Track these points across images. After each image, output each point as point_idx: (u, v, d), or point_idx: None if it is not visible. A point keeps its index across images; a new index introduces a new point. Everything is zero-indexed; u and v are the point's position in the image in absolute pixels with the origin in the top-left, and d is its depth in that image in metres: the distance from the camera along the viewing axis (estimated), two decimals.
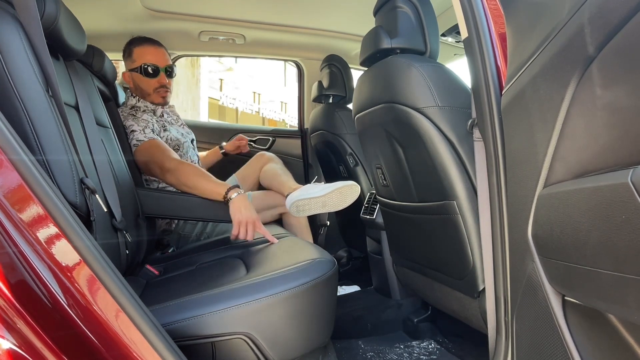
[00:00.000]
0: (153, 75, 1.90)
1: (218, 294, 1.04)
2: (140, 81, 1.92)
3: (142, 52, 1.92)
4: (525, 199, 0.86)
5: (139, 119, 1.83)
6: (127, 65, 1.96)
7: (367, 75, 1.53)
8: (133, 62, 1.92)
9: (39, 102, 0.95)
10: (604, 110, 0.63)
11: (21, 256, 0.70)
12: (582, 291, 0.73)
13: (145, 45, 1.93)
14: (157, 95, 1.94)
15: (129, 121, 1.81)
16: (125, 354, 0.75)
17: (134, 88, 1.96)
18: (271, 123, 16.28)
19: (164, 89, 1.94)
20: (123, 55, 1.98)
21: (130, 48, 1.94)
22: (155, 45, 1.96)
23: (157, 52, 1.94)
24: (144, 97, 1.95)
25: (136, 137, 1.76)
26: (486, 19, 1.01)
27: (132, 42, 1.96)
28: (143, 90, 1.93)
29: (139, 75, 1.90)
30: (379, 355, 1.63)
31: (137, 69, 1.90)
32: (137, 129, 1.78)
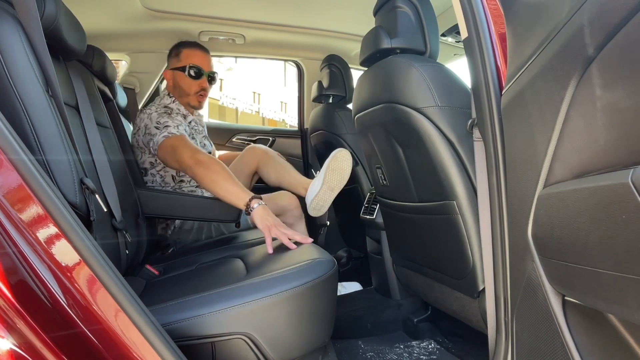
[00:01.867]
0: (196, 77, 1.94)
1: (218, 294, 1.04)
2: (182, 81, 1.94)
3: (191, 54, 1.96)
4: (525, 199, 0.86)
5: (173, 118, 1.85)
6: (172, 64, 1.99)
7: (367, 75, 1.53)
8: (179, 61, 1.95)
9: (39, 102, 0.95)
10: (603, 111, 0.63)
11: (21, 256, 0.70)
12: (582, 291, 0.73)
13: (194, 48, 1.99)
14: (195, 98, 1.98)
15: (163, 118, 1.80)
16: (125, 354, 0.75)
17: (172, 87, 1.98)
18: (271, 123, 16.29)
19: (203, 92, 1.98)
20: (169, 54, 2.03)
21: (179, 48, 1.99)
22: (203, 50, 2.01)
23: (204, 57, 1.99)
24: (181, 97, 1.97)
25: (169, 130, 1.74)
26: (486, 19, 1.01)
27: (182, 43, 2.02)
28: (182, 90, 1.95)
29: (182, 74, 1.94)
30: (379, 355, 1.63)
31: (181, 69, 1.93)
32: (172, 125, 1.78)
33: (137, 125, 1.86)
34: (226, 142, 2.94)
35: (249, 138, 2.99)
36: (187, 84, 1.94)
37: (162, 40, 2.57)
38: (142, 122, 1.83)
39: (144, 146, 1.84)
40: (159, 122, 1.79)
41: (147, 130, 1.79)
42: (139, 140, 1.85)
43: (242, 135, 3.00)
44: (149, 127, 1.79)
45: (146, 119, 1.83)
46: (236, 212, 1.78)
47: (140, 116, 1.86)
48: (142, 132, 1.82)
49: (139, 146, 1.87)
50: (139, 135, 1.84)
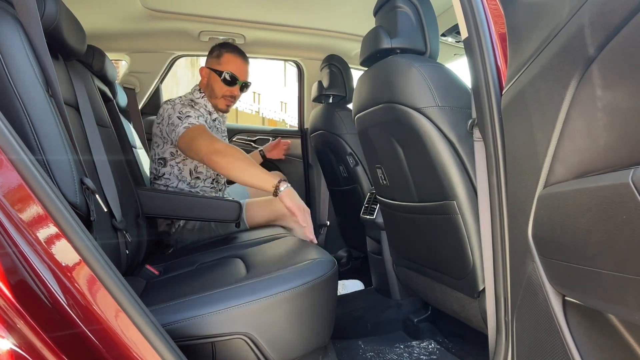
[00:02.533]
0: (230, 83, 1.98)
1: (218, 294, 1.04)
2: (215, 83, 1.99)
3: (231, 59, 2.00)
4: (526, 199, 0.86)
5: (197, 110, 1.88)
6: (211, 63, 2.02)
7: (367, 75, 1.53)
8: (219, 64, 2.00)
9: (39, 102, 0.95)
10: (604, 111, 0.63)
11: (21, 256, 0.70)
12: (583, 291, 0.73)
13: (235, 54, 2.01)
14: (223, 102, 2.02)
15: (186, 108, 1.83)
16: (125, 353, 0.75)
17: (205, 85, 2.02)
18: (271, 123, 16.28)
19: (232, 99, 2.03)
20: (211, 52, 2.05)
21: (221, 50, 2.02)
22: (244, 59, 2.04)
23: (243, 66, 2.02)
24: (210, 97, 2.02)
25: (189, 121, 1.77)
26: (486, 19, 1.01)
27: (226, 45, 2.05)
28: (213, 90, 2.00)
29: (217, 77, 1.98)
30: (379, 355, 1.63)
31: (218, 72, 1.98)
32: (193, 115, 1.81)
33: (160, 115, 1.90)
34: None
35: (249, 138, 2.99)
36: (219, 87, 1.99)
37: (162, 40, 2.58)
38: (166, 112, 1.86)
39: (166, 136, 1.87)
40: (181, 112, 1.82)
41: (170, 120, 1.82)
42: (162, 130, 1.88)
43: (242, 135, 3.00)
44: (171, 117, 1.82)
45: (170, 109, 1.86)
46: (236, 212, 1.78)
47: (164, 106, 1.90)
48: (165, 122, 1.85)
49: (162, 136, 1.90)
50: (162, 125, 1.87)
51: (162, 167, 1.93)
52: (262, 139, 2.99)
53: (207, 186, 2.01)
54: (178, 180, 1.94)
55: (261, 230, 1.88)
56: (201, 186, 1.98)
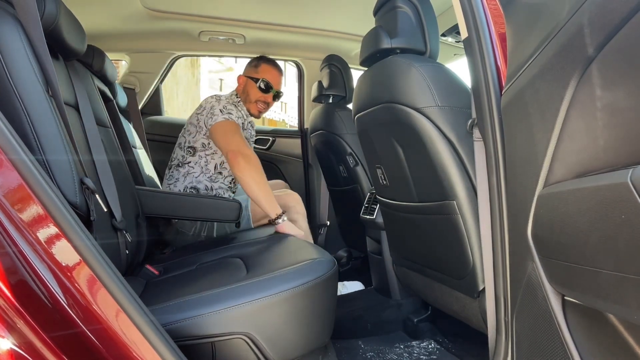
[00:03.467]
0: (264, 91, 2.13)
1: (218, 294, 1.04)
2: (251, 89, 2.13)
3: (267, 70, 2.16)
4: (525, 199, 0.86)
5: (239, 110, 2.01)
6: (248, 72, 2.18)
7: (367, 75, 1.53)
8: (256, 72, 2.15)
9: (39, 102, 0.95)
10: (603, 111, 0.63)
11: (21, 256, 0.70)
12: (582, 291, 0.73)
13: (272, 66, 2.18)
14: (256, 107, 2.15)
15: (230, 106, 1.95)
16: (125, 353, 0.75)
17: (242, 90, 2.16)
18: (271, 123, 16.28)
19: (265, 105, 2.16)
20: (250, 63, 2.22)
21: (259, 62, 2.19)
22: (279, 71, 2.21)
23: (278, 76, 2.18)
24: (245, 102, 2.15)
25: (230, 117, 1.89)
26: (486, 19, 1.01)
27: (263, 58, 2.22)
28: (248, 95, 2.14)
29: (253, 84, 2.13)
30: (379, 355, 1.63)
31: (255, 79, 2.12)
32: (235, 114, 1.92)
33: (202, 107, 1.99)
34: None
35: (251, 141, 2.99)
36: (254, 92, 2.12)
37: (162, 40, 2.58)
38: (209, 104, 1.96)
39: (203, 126, 1.95)
40: (225, 107, 1.93)
41: (212, 111, 1.91)
42: (200, 120, 1.97)
43: None
44: (214, 109, 1.92)
45: (214, 101, 1.96)
46: (236, 212, 1.78)
47: (208, 99, 2.00)
48: (206, 112, 1.94)
49: (198, 125, 1.98)
50: (202, 114, 1.96)
51: (191, 155, 2.00)
52: (262, 139, 2.99)
53: (226, 184, 2.05)
54: (201, 171, 1.99)
55: (261, 230, 1.88)
56: (220, 182, 2.03)
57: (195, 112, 2.03)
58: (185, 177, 1.98)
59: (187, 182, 1.97)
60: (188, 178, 1.97)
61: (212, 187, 2.00)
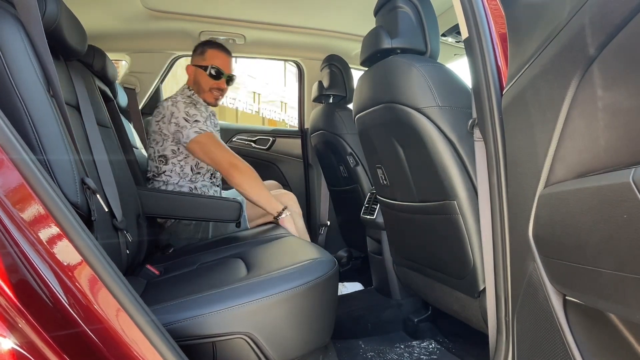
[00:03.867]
0: (215, 77, 2.04)
1: (219, 294, 1.04)
2: (201, 78, 2.04)
3: (214, 55, 2.06)
4: (526, 199, 0.86)
5: (199, 109, 1.91)
6: (195, 61, 2.07)
7: (367, 75, 1.53)
8: (203, 60, 2.05)
9: (40, 102, 0.95)
10: (605, 111, 0.63)
11: (22, 256, 0.70)
12: (583, 291, 0.73)
13: (219, 50, 2.08)
14: (211, 95, 2.06)
15: (192, 109, 1.87)
16: (126, 353, 0.75)
17: (192, 82, 2.07)
18: (271, 123, 16.27)
19: (220, 92, 2.08)
20: (194, 50, 2.10)
21: (204, 47, 2.07)
22: (227, 53, 2.10)
23: (226, 59, 2.08)
24: (198, 92, 2.06)
25: (199, 126, 1.83)
26: (486, 19, 1.01)
27: (208, 43, 2.11)
28: (200, 86, 2.05)
29: (203, 72, 2.03)
30: (379, 355, 1.63)
31: (204, 67, 2.02)
32: (201, 119, 1.86)
33: (160, 113, 1.91)
34: (226, 142, 2.94)
35: (249, 138, 2.99)
36: (206, 81, 2.03)
37: (162, 40, 2.58)
38: (167, 110, 1.88)
39: (167, 133, 1.88)
40: (187, 114, 1.85)
41: (175, 119, 1.85)
42: (162, 128, 1.89)
43: (242, 135, 3.00)
44: (176, 117, 1.85)
45: (171, 106, 1.88)
46: (236, 212, 1.78)
47: (165, 104, 1.91)
48: (167, 119, 1.87)
49: (161, 133, 1.91)
50: (163, 122, 1.89)
51: (164, 164, 1.94)
52: (262, 139, 2.99)
53: (207, 181, 2.03)
54: (179, 177, 1.95)
55: (261, 230, 1.88)
56: (201, 181, 2.00)
57: (155, 119, 1.94)
58: (167, 186, 1.94)
59: (170, 189, 1.95)
60: (169, 186, 1.94)
61: (196, 187, 1.98)
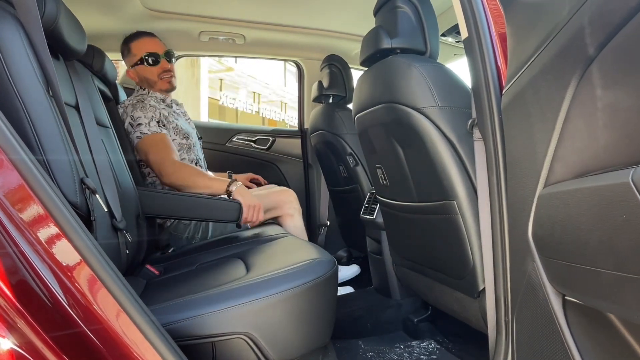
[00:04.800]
0: (155, 62, 1.97)
1: (218, 294, 1.04)
2: (144, 72, 1.98)
3: (140, 44, 1.99)
4: (526, 199, 0.86)
5: (146, 108, 1.85)
6: (129, 62, 2.01)
7: (367, 75, 1.53)
8: (134, 56, 1.98)
9: (40, 102, 0.95)
10: (604, 111, 0.63)
11: (21, 256, 0.70)
12: (583, 291, 0.73)
13: (140, 38, 2.01)
14: (164, 82, 2.00)
15: (137, 112, 1.83)
16: (126, 353, 0.75)
17: (140, 81, 2.01)
18: (271, 123, 16.28)
19: (168, 73, 2.00)
20: (122, 54, 2.04)
21: (127, 45, 2.00)
22: (149, 36, 2.04)
23: (153, 41, 2.02)
24: (151, 86, 2.01)
25: (140, 130, 1.79)
26: (486, 19, 1.01)
27: (127, 39, 2.03)
28: (149, 79, 1.99)
29: (142, 67, 1.97)
30: (379, 355, 1.63)
31: (139, 62, 1.96)
32: (144, 122, 1.81)
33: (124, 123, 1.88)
34: (226, 142, 2.94)
35: (249, 138, 2.99)
36: (149, 72, 1.98)
37: (162, 40, 2.57)
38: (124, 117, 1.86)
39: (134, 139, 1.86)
40: (132, 118, 1.82)
41: (125, 125, 1.83)
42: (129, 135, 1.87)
43: (242, 135, 2.99)
44: (125, 122, 1.83)
45: (124, 115, 1.85)
46: (236, 212, 1.78)
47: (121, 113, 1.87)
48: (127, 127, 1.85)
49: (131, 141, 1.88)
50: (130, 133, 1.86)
51: (145, 167, 1.93)
52: (262, 139, 2.99)
53: None
54: None
55: (261, 230, 1.88)
56: None
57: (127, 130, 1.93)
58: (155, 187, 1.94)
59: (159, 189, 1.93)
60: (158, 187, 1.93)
61: None
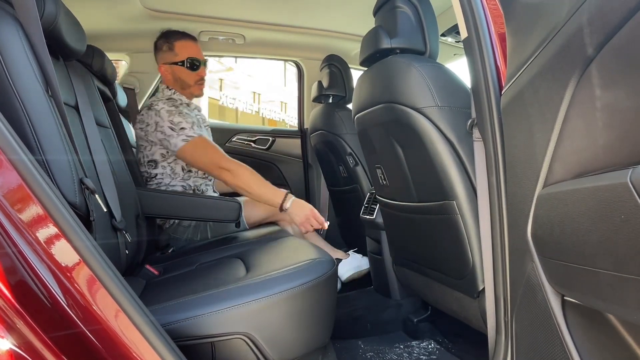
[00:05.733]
0: (196, 69, 1.98)
1: (218, 294, 1.04)
2: (182, 74, 1.98)
3: (185, 46, 1.98)
4: (525, 199, 0.86)
5: (183, 114, 1.85)
6: (167, 59, 1.99)
7: (367, 75, 1.53)
8: (175, 55, 1.97)
9: (39, 102, 0.95)
10: (603, 111, 0.63)
11: (21, 256, 0.70)
12: (582, 291, 0.73)
13: (186, 40, 2.00)
14: (197, 88, 2.03)
15: (176, 117, 1.82)
16: (125, 353, 0.75)
17: (172, 80, 2.00)
18: (271, 123, 16.29)
19: (203, 81, 2.04)
20: (159, 48, 2.01)
21: (170, 42, 1.98)
22: (194, 40, 2.04)
23: (197, 47, 2.03)
24: (183, 89, 2.01)
25: (186, 134, 1.79)
26: (486, 19, 1.01)
27: (170, 35, 2.00)
28: (184, 82, 1.99)
29: (182, 68, 1.97)
30: (379, 355, 1.63)
31: (181, 63, 1.96)
32: (187, 126, 1.81)
33: (144, 121, 1.87)
34: (226, 142, 2.94)
35: (249, 138, 2.99)
36: (188, 76, 1.98)
37: None
38: (151, 118, 1.84)
39: (155, 140, 1.86)
40: (172, 122, 1.81)
41: (160, 128, 1.82)
42: (148, 134, 1.86)
43: (242, 135, 3.00)
44: (161, 126, 1.81)
45: (155, 116, 1.83)
46: (236, 212, 1.78)
47: (148, 113, 1.86)
48: (151, 128, 1.84)
49: (148, 139, 1.88)
50: (149, 130, 1.85)
51: (153, 168, 1.92)
52: (262, 139, 2.99)
53: (200, 177, 2.01)
54: (171, 178, 1.94)
55: (261, 230, 1.88)
56: (193, 177, 1.99)
57: (139, 127, 1.90)
58: (159, 187, 1.94)
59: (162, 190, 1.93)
60: (162, 188, 1.93)
61: (188, 184, 1.97)
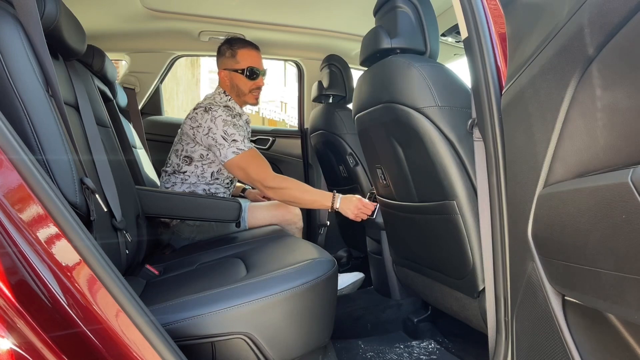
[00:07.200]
0: (255, 78, 2.01)
1: (218, 294, 1.04)
2: (239, 81, 2.00)
3: (247, 55, 2.01)
4: (525, 199, 0.86)
5: (238, 127, 1.88)
6: (228, 65, 2.01)
7: (367, 75, 1.53)
8: (236, 62, 2.00)
9: (39, 102, 0.95)
10: (603, 111, 0.63)
11: (21, 256, 0.70)
12: (582, 291, 0.73)
13: (249, 48, 2.03)
14: (252, 96, 2.04)
15: (230, 128, 1.83)
16: (125, 353, 0.75)
17: (229, 86, 2.02)
18: (271, 123, 16.29)
19: (259, 90, 2.06)
20: (222, 53, 2.03)
21: (234, 49, 2.01)
22: (257, 50, 2.07)
23: (258, 56, 2.05)
24: (238, 96, 2.03)
25: (237, 146, 1.81)
26: (486, 19, 1.01)
27: (234, 42, 2.03)
28: (240, 90, 2.02)
29: (240, 76, 1.99)
30: (379, 355, 1.63)
31: (241, 71, 1.99)
32: (239, 138, 1.83)
33: (197, 121, 1.86)
34: None
35: (249, 138, 2.99)
36: (245, 84, 2.01)
37: (162, 40, 2.58)
38: (206, 122, 1.84)
39: (200, 142, 1.87)
40: (225, 132, 1.82)
41: (212, 135, 1.82)
42: (196, 135, 1.86)
43: None
44: (214, 132, 1.82)
45: (210, 121, 1.83)
46: (236, 212, 1.78)
47: (204, 115, 1.85)
48: (203, 130, 1.84)
49: (195, 138, 1.88)
50: (199, 131, 1.85)
51: (187, 164, 1.93)
52: (262, 139, 2.99)
53: (223, 185, 2.02)
54: (197, 179, 1.95)
55: (261, 230, 1.88)
56: (217, 185, 2.00)
57: (190, 124, 1.88)
58: (183, 183, 1.95)
59: (185, 187, 1.95)
60: (185, 185, 1.94)
61: (210, 189, 1.98)
